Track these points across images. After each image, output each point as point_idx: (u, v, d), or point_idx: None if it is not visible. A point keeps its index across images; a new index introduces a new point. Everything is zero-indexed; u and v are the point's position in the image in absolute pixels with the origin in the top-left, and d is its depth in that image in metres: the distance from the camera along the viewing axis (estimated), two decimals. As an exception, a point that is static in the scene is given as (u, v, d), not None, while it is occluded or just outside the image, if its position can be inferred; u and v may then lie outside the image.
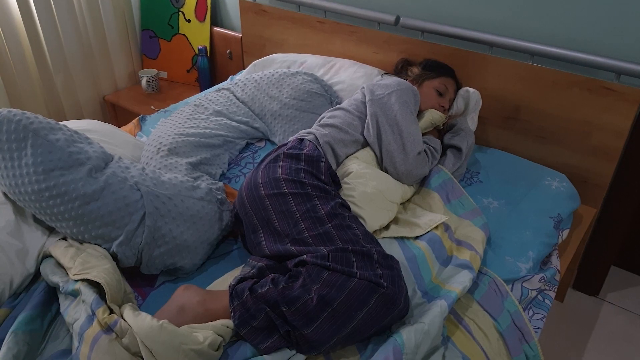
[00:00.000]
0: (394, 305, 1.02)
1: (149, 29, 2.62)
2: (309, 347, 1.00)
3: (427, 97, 1.63)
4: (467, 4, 1.76)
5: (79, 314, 1.04)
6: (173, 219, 1.22)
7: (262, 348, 1.01)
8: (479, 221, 1.39)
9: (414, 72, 1.70)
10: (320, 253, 1.07)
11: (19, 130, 1.16)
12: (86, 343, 0.98)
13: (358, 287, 1.00)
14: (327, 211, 1.16)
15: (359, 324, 1.00)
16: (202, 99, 1.83)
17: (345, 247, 1.08)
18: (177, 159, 1.50)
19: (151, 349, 0.95)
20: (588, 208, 1.71)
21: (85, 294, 1.05)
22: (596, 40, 1.57)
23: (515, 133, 1.77)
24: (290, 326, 1.00)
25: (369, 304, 1.00)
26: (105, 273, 1.08)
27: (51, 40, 2.24)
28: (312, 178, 1.25)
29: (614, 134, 1.58)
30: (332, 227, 1.13)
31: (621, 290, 2.02)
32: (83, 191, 1.15)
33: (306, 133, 1.47)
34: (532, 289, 1.30)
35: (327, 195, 1.22)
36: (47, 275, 1.13)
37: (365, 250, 1.07)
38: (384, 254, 1.09)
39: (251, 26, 2.33)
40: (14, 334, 1.01)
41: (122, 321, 0.99)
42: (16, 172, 1.16)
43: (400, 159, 1.43)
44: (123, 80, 2.64)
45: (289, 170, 1.25)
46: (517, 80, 1.69)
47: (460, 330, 1.11)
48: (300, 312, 0.99)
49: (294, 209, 1.17)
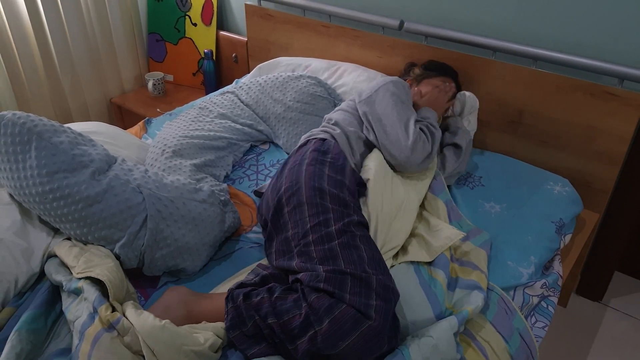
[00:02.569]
0: (379, 342, 0.96)
1: (155, 33, 2.65)
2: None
3: (424, 93, 1.62)
4: (470, 8, 1.77)
5: (80, 312, 1.05)
6: (175, 222, 1.23)
7: (248, 354, 1.02)
8: (479, 240, 1.36)
9: (415, 73, 1.70)
10: (315, 272, 1.04)
11: (23, 133, 1.17)
12: (87, 341, 0.99)
13: (344, 314, 0.96)
14: (338, 227, 1.11)
15: (340, 353, 0.96)
16: (207, 102, 1.84)
17: (345, 269, 1.03)
18: (181, 161, 1.52)
19: (153, 348, 0.96)
20: (591, 213, 1.71)
21: (88, 292, 1.06)
22: (599, 46, 1.57)
23: (518, 137, 1.78)
24: (277, 337, 1.00)
25: (352, 335, 0.95)
26: (108, 271, 1.10)
27: (59, 42, 2.27)
28: (335, 186, 1.21)
29: (617, 139, 1.58)
30: (338, 245, 1.08)
31: (625, 296, 2.01)
32: (86, 193, 1.16)
33: (321, 132, 1.45)
34: (534, 295, 1.29)
35: (345, 210, 1.17)
36: (50, 274, 1.15)
37: (364, 276, 1.02)
38: (386, 284, 1.02)
39: (257, 30, 2.35)
40: (18, 332, 1.02)
41: (124, 319, 1.00)
42: (21, 174, 1.17)
43: (396, 149, 1.40)
44: (129, 82, 2.67)
45: (312, 175, 1.23)
46: (521, 84, 1.70)
47: (476, 352, 1.09)
48: (287, 326, 0.98)
49: (307, 219, 1.14)
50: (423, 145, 1.42)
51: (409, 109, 1.48)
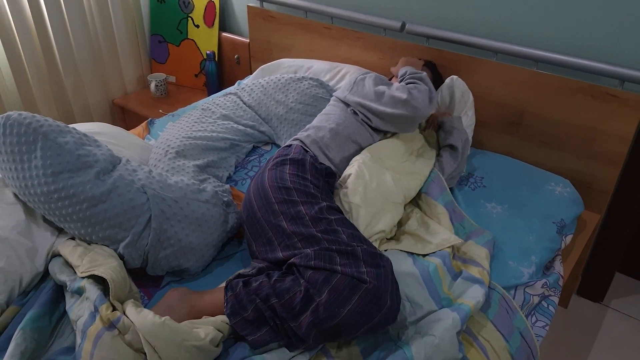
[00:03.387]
0: (380, 303, 1.00)
1: (158, 34, 2.66)
2: (297, 339, 1.02)
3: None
4: (472, 10, 1.78)
5: (82, 311, 1.06)
6: (179, 222, 1.23)
7: (250, 340, 1.03)
8: (482, 239, 1.37)
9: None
10: (305, 253, 1.08)
11: (29, 133, 1.18)
12: (89, 340, 1.00)
13: (340, 283, 1.00)
14: (312, 215, 1.16)
15: (343, 321, 0.99)
16: (209, 103, 1.85)
17: (330, 247, 1.08)
18: (184, 162, 1.52)
19: (154, 345, 0.97)
20: (592, 214, 1.71)
21: (90, 291, 1.07)
22: (600, 47, 1.58)
23: (519, 138, 1.78)
24: (279, 319, 1.02)
25: (351, 300, 0.99)
26: (111, 270, 1.11)
27: (62, 43, 2.28)
28: (298, 180, 1.26)
29: (617, 140, 1.59)
30: (318, 232, 1.13)
31: (625, 297, 2.01)
32: (91, 193, 1.17)
33: (292, 139, 1.49)
34: (535, 294, 1.30)
35: (312, 199, 1.21)
36: (54, 273, 1.16)
37: (349, 249, 1.06)
38: (372, 252, 1.07)
39: (259, 32, 2.36)
40: (22, 330, 1.03)
41: (125, 318, 1.01)
42: (26, 174, 1.18)
43: (401, 109, 1.46)
44: (132, 84, 2.68)
45: (274, 178, 1.27)
46: (522, 86, 1.70)
47: (477, 350, 1.10)
48: (289, 304, 1.01)
49: (281, 218, 1.17)
50: (418, 90, 1.49)
51: (391, 83, 1.57)
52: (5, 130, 1.19)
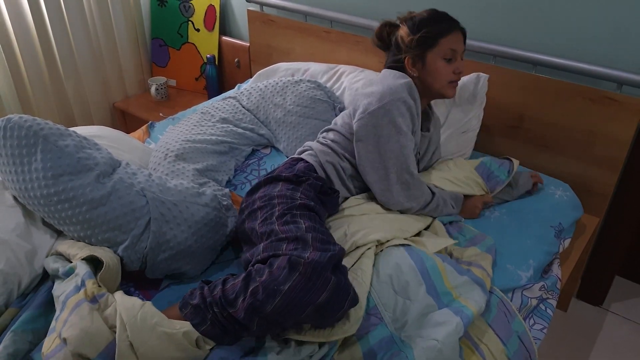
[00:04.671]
0: (322, 278, 0.96)
1: (158, 38, 2.67)
2: (239, 327, 1.00)
3: (437, 75, 1.38)
4: (470, 14, 1.78)
5: (68, 286, 1.06)
6: (178, 225, 1.24)
7: (201, 331, 1.01)
8: (484, 245, 1.36)
9: (407, 44, 1.39)
10: (257, 250, 1.08)
11: (30, 136, 1.19)
12: (67, 308, 1.00)
13: (281, 264, 0.98)
14: (280, 213, 1.14)
15: (283, 301, 0.95)
16: (208, 107, 1.86)
17: (281, 236, 1.06)
18: (184, 165, 1.53)
19: (126, 322, 0.96)
20: (591, 217, 1.71)
21: (80, 268, 1.08)
22: (598, 51, 1.59)
23: (518, 142, 1.79)
24: (218, 306, 1.00)
25: (291, 278, 0.95)
26: (109, 258, 1.12)
27: (63, 47, 2.29)
28: (285, 191, 1.22)
29: (616, 144, 1.59)
30: (278, 224, 1.11)
31: (625, 301, 2.01)
32: (91, 196, 1.18)
33: (307, 148, 1.43)
34: (533, 297, 1.30)
35: (290, 201, 1.18)
36: (48, 264, 1.16)
37: (299, 235, 1.04)
38: (324, 239, 1.04)
39: (259, 35, 2.37)
40: (13, 332, 1.03)
41: (109, 295, 1.02)
42: (26, 176, 1.19)
43: (379, 188, 1.36)
44: (133, 87, 2.69)
45: (264, 190, 1.25)
46: (521, 89, 1.71)
47: (475, 355, 1.10)
48: (230, 290, 1.00)
49: (258, 219, 1.17)
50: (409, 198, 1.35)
51: (407, 140, 1.34)
52: (6, 133, 1.19)
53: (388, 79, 1.40)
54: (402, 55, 1.40)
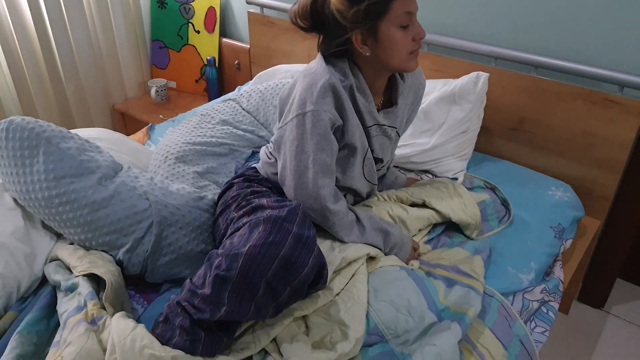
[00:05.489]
0: (281, 230, 0.94)
1: (159, 40, 2.67)
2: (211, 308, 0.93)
3: (395, 48, 1.13)
4: (471, 16, 1.78)
5: (71, 305, 1.06)
6: (180, 229, 1.24)
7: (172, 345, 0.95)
8: (471, 247, 1.34)
9: (350, 18, 1.08)
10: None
11: (32, 138, 1.19)
12: (67, 328, 0.99)
13: (242, 232, 0.98)
14: (236, 204, 1.19)
15: (247, 262, 0.91)
16: (208, 109, 1.86)
17: (239, 215, 1.12)
18: (184, 167, 1.53)
19: (117, 344, 0.94)
20: (593, 220, 1.71)
21: (82, 287, 1.07)
22: (599, 53, 1.58)
23: (519, 144, 1.78)
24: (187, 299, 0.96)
25: (251, 238, 0.94)
26: (111, 274, 1.11)
27: (63, 49, 2.29)
28: (237, 191, 1.25)
29: (617, 146, 1.59)
30: (235, 211, 1.15)
31: (627, 303, 2.01)
32: (93, 198, 1.18)
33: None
34: (534, 300, 1.30)
35: (242, 191, 1.22)
36: (49, 274, 1.16)
37: (254, 205, 1.10)
38: (279, 200, 1.10)
39: (259, 37, 2.37)
40: (19, 334, 1.03)
41: (108, 317, 1.01)
42: (27, 178, 1.19)
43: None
44: (133, 89, 2.69)
45: (222, 201, 1.28)
46: (521, 91, 1.70)
47: (476, 358, 1.09)
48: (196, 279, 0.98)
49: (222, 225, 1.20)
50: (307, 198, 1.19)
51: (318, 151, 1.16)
52: (8, 135, 1.19)
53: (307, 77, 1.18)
54: (348, 34, 1.11)
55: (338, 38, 1.13)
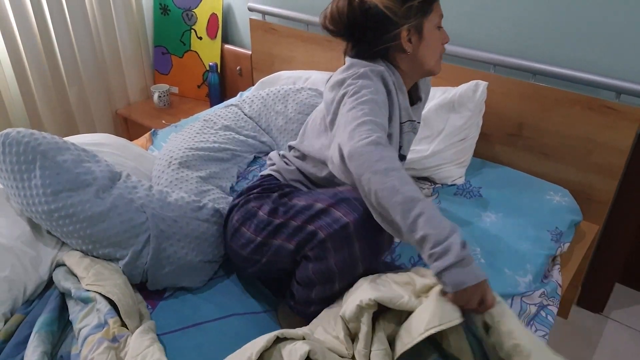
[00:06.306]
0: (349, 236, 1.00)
1: (161, 45, 2.69)
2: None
3: (432, 48, 1.17)
4: (470, 24, 1.80)
5: (90, 320, 1.07)
6: (178, 241, 1.24)
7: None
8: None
9: (401, 13, 1.10)
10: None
11: (28, 152, 1.19)
12: (87, 346, 1.01)
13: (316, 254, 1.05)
14: (268, 210, 1.14)
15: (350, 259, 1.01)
16: (211, 115, 1.87)
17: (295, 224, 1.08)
18: (187, 172, 1.54)
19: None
20: (591, 225, 1.72)
21: (100, 303, 1.08)
22: (597, 60, 1.60)
23: (518, 150, 1.80)
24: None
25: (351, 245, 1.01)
26: (117, 288, 1.11)
27: (66, 54, 2.31)
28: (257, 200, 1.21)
29: (615, 152, 1.60)
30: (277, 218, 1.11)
31: (626, 308, 2.02)
32: (90, 212, 1.18)
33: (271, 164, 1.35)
34: (532, 303, 1.31)
35: (264, 200, 1.17)
36: (59, 281, 1.17)
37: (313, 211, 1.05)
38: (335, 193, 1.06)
39: (261, 44, 2.39)
40: (38, 334, 1.04)
41: (129, 336, 1.03)
42: (27, 192, 1.19)
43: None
44: (135, 94, 2.71)
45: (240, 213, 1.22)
46: (520, 98, 1.72)
47: None
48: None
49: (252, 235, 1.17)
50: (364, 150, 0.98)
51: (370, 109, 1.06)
52: (5, 149, 1.19)
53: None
54: (399, 29, 1.11)
55: (387, 34, 1.12)
